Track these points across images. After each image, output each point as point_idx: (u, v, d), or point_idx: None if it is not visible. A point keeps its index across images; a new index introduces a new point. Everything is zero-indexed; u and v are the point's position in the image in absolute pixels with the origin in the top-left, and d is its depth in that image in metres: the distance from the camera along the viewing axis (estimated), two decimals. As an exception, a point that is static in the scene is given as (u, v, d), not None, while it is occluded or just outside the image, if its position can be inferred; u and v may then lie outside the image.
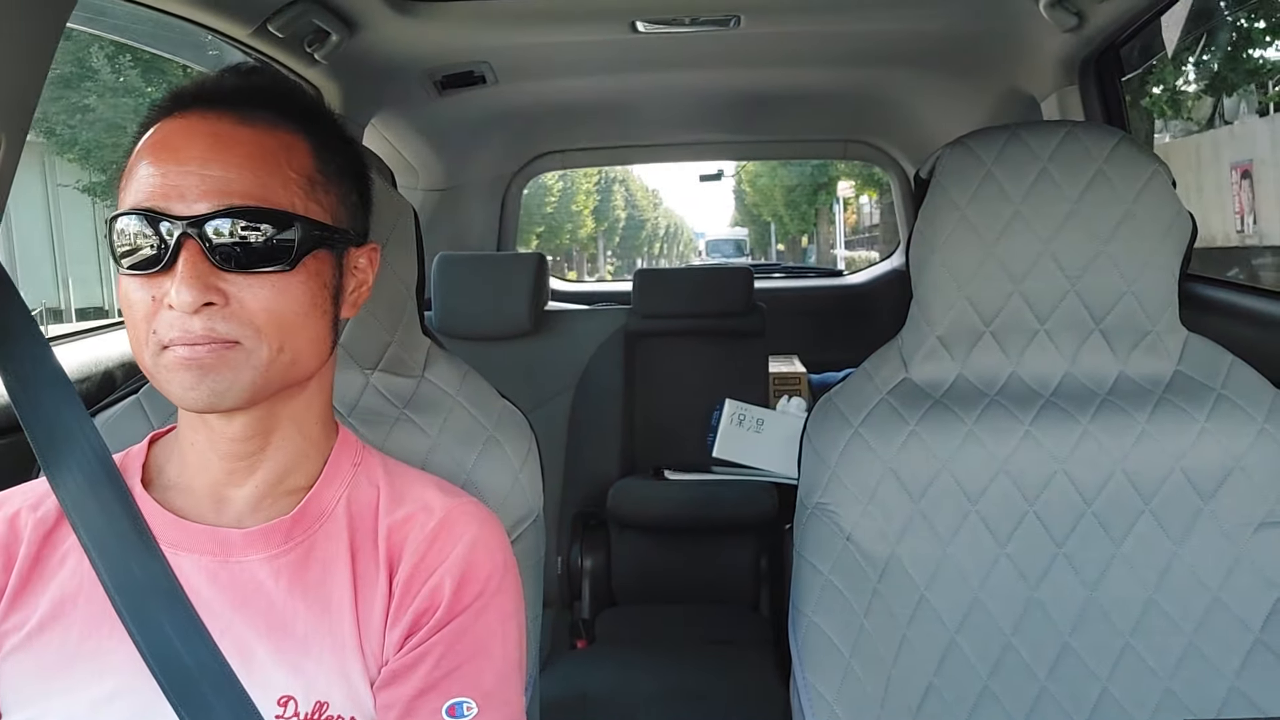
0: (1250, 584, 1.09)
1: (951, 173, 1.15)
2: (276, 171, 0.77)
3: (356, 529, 0.85)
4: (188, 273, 0.73)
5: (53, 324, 11.39)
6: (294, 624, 0.80)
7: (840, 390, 1.19)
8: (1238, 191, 8.09)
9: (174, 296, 0.73)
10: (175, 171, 0.75)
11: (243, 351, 0.75)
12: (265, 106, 0.80)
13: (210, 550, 0.81)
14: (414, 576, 0.83)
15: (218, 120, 0.77)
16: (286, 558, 0.82)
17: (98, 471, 0.83)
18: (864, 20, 2.05)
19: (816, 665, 1.10)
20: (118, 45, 2.14)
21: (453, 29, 2.01)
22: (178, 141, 0.76)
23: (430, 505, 0.87)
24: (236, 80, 0.81)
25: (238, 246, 0.74)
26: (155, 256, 0.74)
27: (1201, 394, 1.13)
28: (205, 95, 0.79)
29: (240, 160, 0.76)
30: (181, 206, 0.74)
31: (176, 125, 0.77)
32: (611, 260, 33.47)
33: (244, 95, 0.80)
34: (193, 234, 0.73)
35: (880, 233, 20.13)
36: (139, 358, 0.78)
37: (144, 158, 0.77)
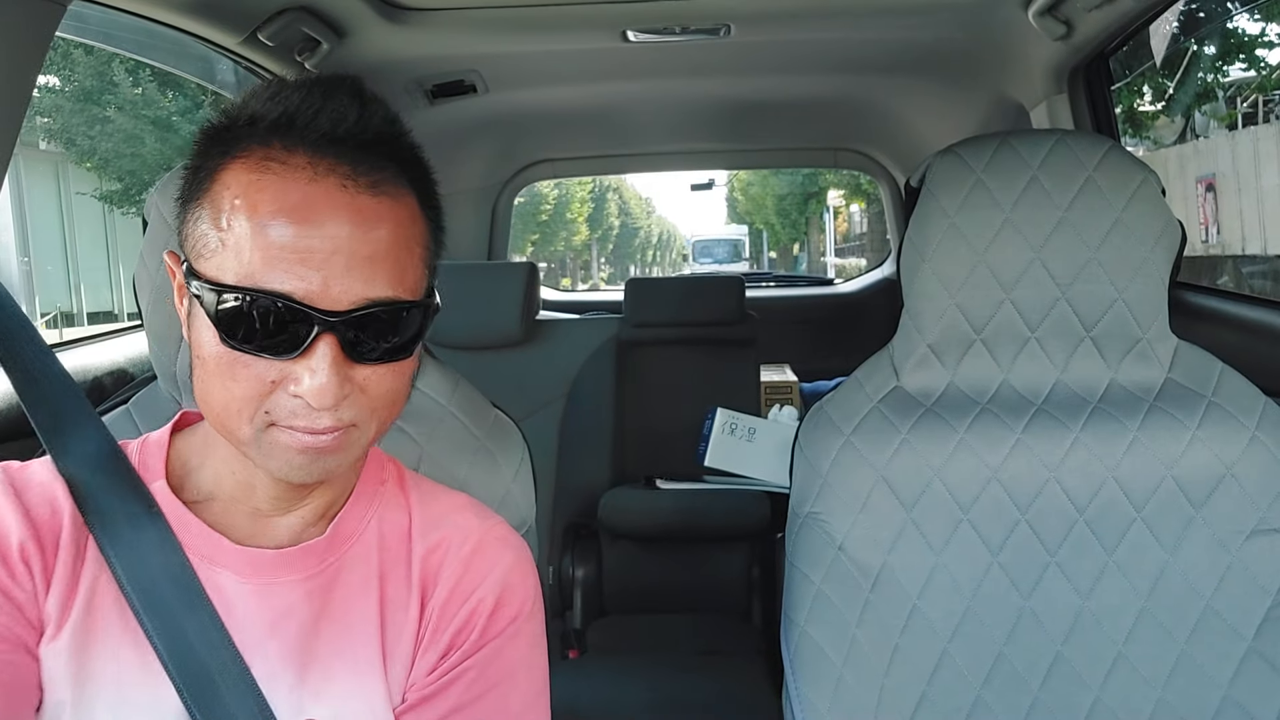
0: (1243, 591, 1.09)
1: (942, 181, 1.15)
2: (411, 250, 0.73)
3: (387, 550, 0.83)
4: (330, 371, 0.68)
5: (65, 327, 11.52)
6: (320, 647, 0.78)
7: (832, 399, 1.18)
8: (1202, 203, 8.25)
9: (310, 391, 0.68)
10: (317, 257, 0.67)
11: (356, 433, 0.73)
12: (389, 159, 0.72)
13: (244, 570, 0.78)
14: (450, 601, 0.81)
15: (356, 192, 0.69)
16: (318, 580, 0.79)
17: (108, 460, 0.78)
18: (854, 29, 2.05)
19: (809, 675, 1.10)
20: (138, 60, 2.15)
21: (443, 38, 2.01)
22: (316, 214, 0.68)
23: (465, 528, 0.85)
24: (357, 122, 0.71)
25: (372, 340, 0.70)
26: (284, 342, 0.68)
27: (1192, 402, 1.13)
28: (333, 140, 0.70)
29: (383, 246, 0.70)
30: (323, 297, 0.68)
31: (308, 189, 0.68)
32: (605, 268, 33.48)
33: (370, 145, 0.71)
34: (336, 331, 0.68)
35: (868, 240, 20.19)
36: (231, 427, 0.72)
37: (268, 218, 0.68)
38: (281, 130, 0.70)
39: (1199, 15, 8.41)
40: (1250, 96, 9.13)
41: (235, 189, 0.69)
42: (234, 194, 0.69)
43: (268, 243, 0.67)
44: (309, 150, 0.69)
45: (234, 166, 0.70)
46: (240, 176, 0.69)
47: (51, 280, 12.43)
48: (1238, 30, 8.82)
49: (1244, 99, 9.17)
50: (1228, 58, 8.97)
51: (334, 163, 0.69)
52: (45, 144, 12.13)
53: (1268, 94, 9.00)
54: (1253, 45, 8.90)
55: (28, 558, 0.74)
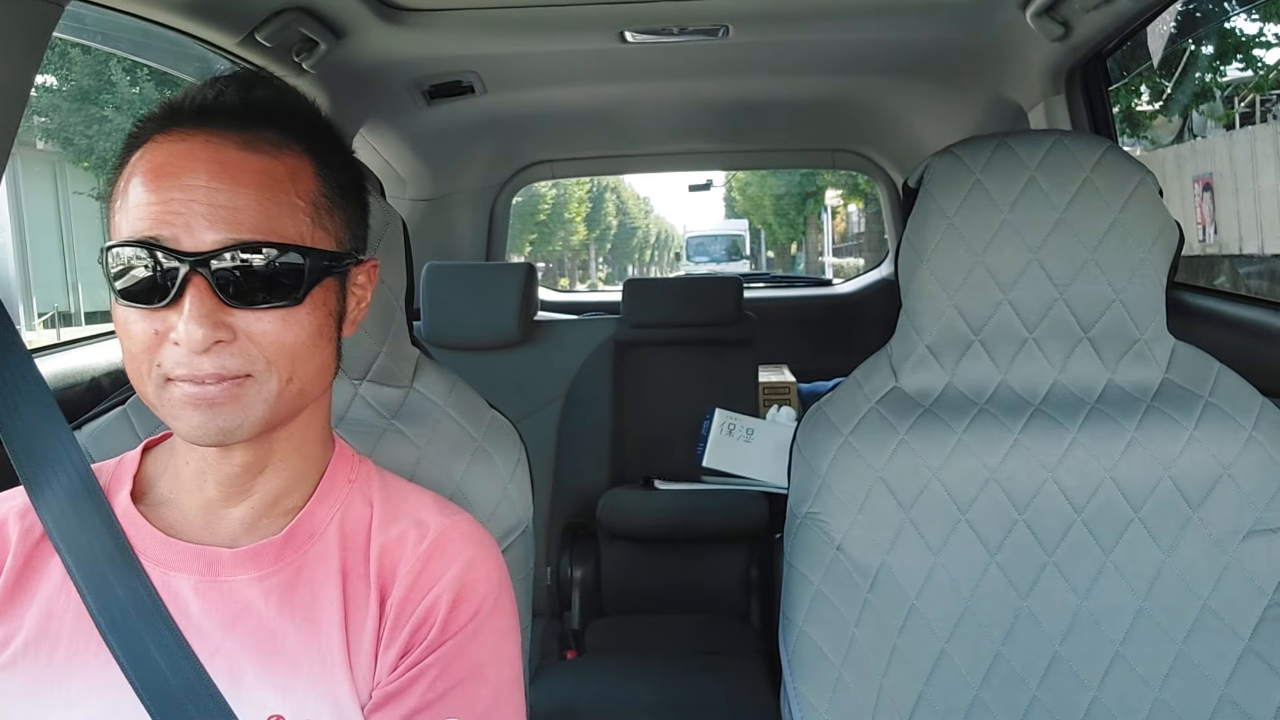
0: (1240, 592, 1.09)
1: (940, 182, 1.15)
2: (283, 200, 0.75)
3: (348, 548, 0.84)
4: (196, 311, 0.71)
5: (63, 327, 11.54)
6: (283, 644, 0.79)
7: (830, 399, 1.19)
8: (1199, 203, 8.28)
9: (182, 334, 0.71)
10: (179, 201, 0.72)
11: (253, 385, 0.75)
12: (268, 124, 0.77)
13: (199, 570, 0.80)
14: (408, 598, 0.81)
15: (221, 144, 0.74)
16: (276, 578, 0.81)
17: (79, 489, 0.81)
18: (852, 30, 2.05)
19: (807, 675, 1.10)
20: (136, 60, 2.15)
21: (441, 38, 2.01)
22: (180, 167, 0.73)
23: (424, 522, 0.85)
24: (238, 95, 0.78)
25: (245, 282, 0.73)
26: (159, 290, 0.72)
27: (1190, 402, 1.13)
28: (206, 112, 0.76)
29: (247, 190, 0.73)
30: (187, 240, 0.72)
31: (176, 148, 0.74)
32: (603, 267, 33.48)
33: (246, 113, 0.77)
34: (201, 270, 0.72)
35: (866, 240, 20.20)
36: (140, 389, 0.76)
37: (142, 181, 0.74)
38: (172, 118, 0.76)
39: (1196, 15, 8.43)
40: (1247, 96, 9.15)
41: (126, 172, 0.76)
42: (124, 177, 0.76)
43: (139, 203, 0.73)
44: (188, 123, 0.75)
45: (131, 158, 0.77)
46: (131, 161, 0.76)
47: (50, 280, 12.44)
48: (1235, 30, 8.84)
49: (1241, 99, 9.19)
50: (1225, 58, 8.99)
51: (208, 131, 0.75)
52: (43, 143, 12.14)
53: (1265, 94, 9.01)
54: (1250, 45, 8.91)
55: None
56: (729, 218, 28.81)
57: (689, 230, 24.95)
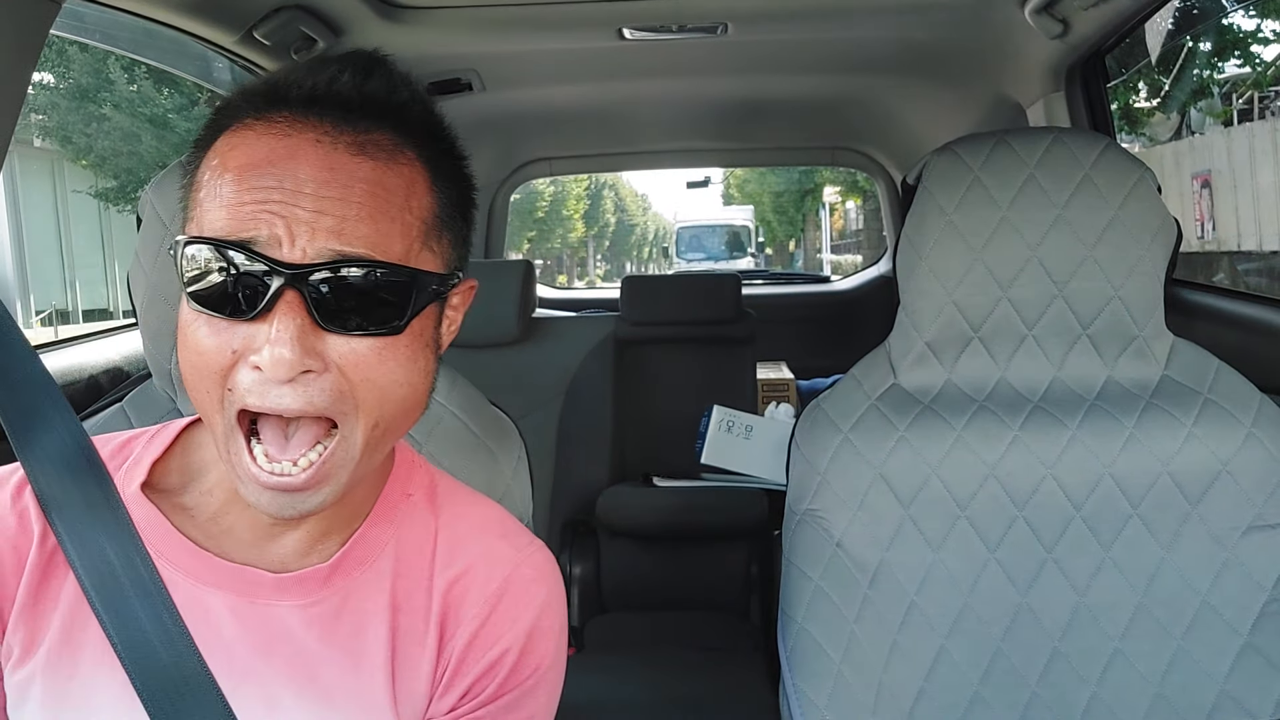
0: (1238, 587, 1.09)
1: (939, 179, 1.15)
2: (396, 216, 0.65)
3: (403, 575, 0.76)
4: (288, 331, 0.61)
5: (61, 325, 11.55)
6: (321, 674, 0.73)
7: (829, 396, 1.19)
8: (1198, 200, 8.29)
9: (266, 358, 0.61)
10: (280, 203, 0.62)
11: (339, 450, 0.66)
12: (383, 124, 0.67)
13: (238, 590, 0.72)
14: (473, 644, 0.75)
15: (332, 145, 0.64)
16: (320, 607, 0.73)
17: (78, 460, 0.73)
18: (851, 28, 2.05)
19: (807, 672, 1.10)
20: (134, 58, 2.14)
21: (439, 36, 2.01)
22: (283, 163, 0.63)
23: (493, 557, 0.78)
24: (353, 85, 0.67)
25: (345, 303, 0.63)
26: (245, 299, 0.62)
27: (1188, 399, 1.13)
28: (315, 101, 0.66)
29: (358, 200, 0.63)
30: (287, 248, 0.62)
31: (279, 142, 0.64)
32: (601, 264, 33.47)
33: (360, 107, 0.66)
34: (298, 285, 0.62)
35: (864, 237, 20.20)
36: (204, 413, 0.67)
37: (236, 173, 0.63)
38: (273, 100, 0.66)
39: (1194, 12, 8.43)
40: (1246, 93, 9.15)
41: (214, 156, 0.66)
42: (210, 159, 0.66)
43: (232, 196, 0.63)
44: (292, 111, 0.65)
45: (221, 138, 0.67)
46: (221, 144, 0.66)
47: (47, 278, 12.44)
48: (1233, 27, 8.84)
49: (1239, 95, 9.19)
50: (1223, 54, 8.99)
51: (315, 122, 0.65)
52: (41, 141, 12.13)
53: (1263, 90, 9.01)
54: (1248, 42, 8.91)
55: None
56: (729, 204, 24.38)
57: (680, 219, 19.57)
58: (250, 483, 0.65)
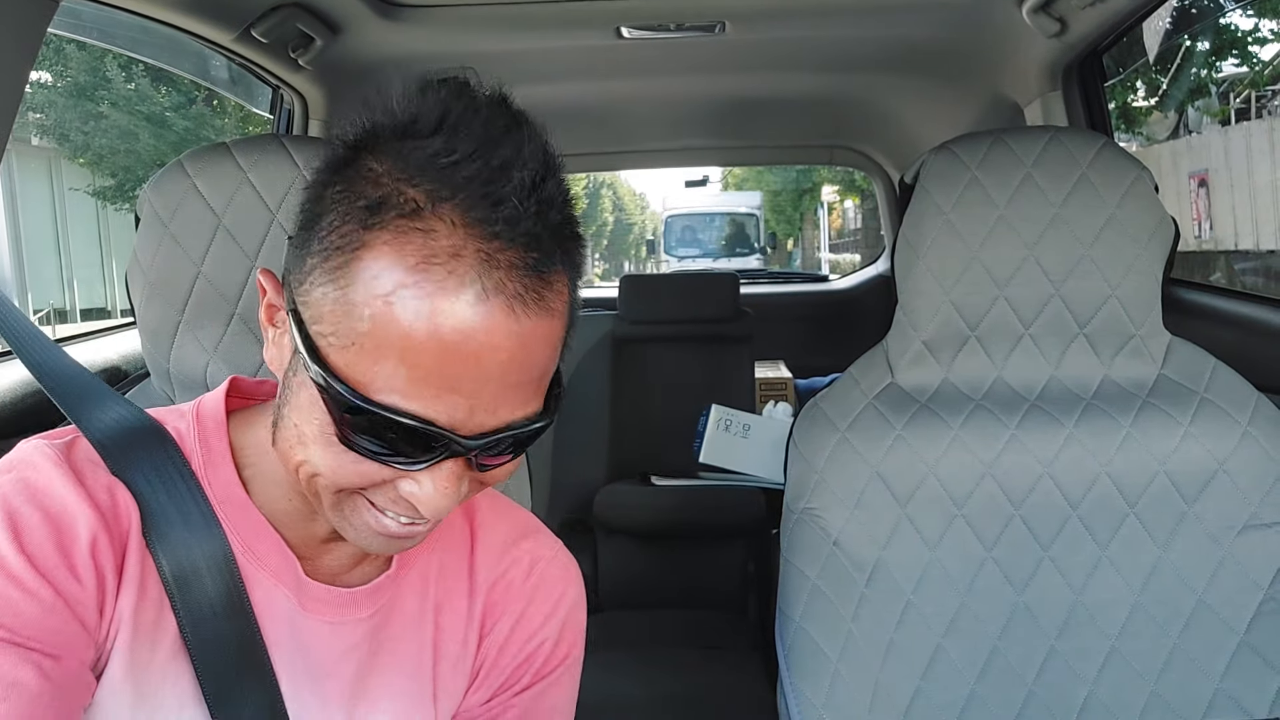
0: (1235, 586, 1.10)
1: (936, 178, 1.15)
2: (555, 359, 0.64)
3: (445, 578, 0.79)
4: (453, 490, 0.62)
5: (59, 324, 11.54)
6: (371, 679, 0.74)
7: (826, 395, 1.19)
8: (1195, 199, 8.29)
9: (425, 504, 0.62)
10: (469, 387, 0.58)
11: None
12: (556, 255, 0.61)
13: (308, 605, 0.72)
14: (511, 638, 0.79)
15: (523, 309, 0.58)
16: (373, 620, 0.75)
17: (146, 437, 0.69)
18: (848, 26, 2.05)
19: (804, 670, 1.10)
20: (132, 56, 2.13)
21: (437, 34, 2.01)
22: (475, 341, 0.57)
23: (528, 557, 0.81)
24: (539, 207, 0.60)
25: (499, 453, 0.64)
26: (411, 456, 0.61)
27: (1185, 397, 1.13)
28: (513, 240, 0.58)
29: (537, 364, 0.61)
30: (466, 425, 0.60)
31: (475, 310, 0.57)
32: (599, 263, 33.46)
33: (542, 241, 0.60)
34: (468, 455, 0.62)
35: (862, 236, 20.18)
36: (309, 487, 0.65)
37: (424, 336, 0.57)
38: (448, 214, 0.58)
39: (1192, 12, 8.44)
40: (1243, 92, 9.16)
41: (386, 284, 0.57)
42: (384, 292, 0.57)
43: (416, 365, 0.58)
44: (479, 257, 0.57)
45: (382, 249, 0.58)
46: (391, 271, 0.57)
47: (45, 276, 12.43)
48: (1231, 26, 8.85)
49: (1237, 94, 9.20)
50: (1221, 54, 9.00)
51: (505, 276, 0.58)
52: (38, 140, 12.10)
53: (1260, 89, 9.02)
54: (1245, 41, 8.92)
55: (99, 554, 0.64)
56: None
57: (670, 206, 15.48)
58: (366, 529, 0.65)
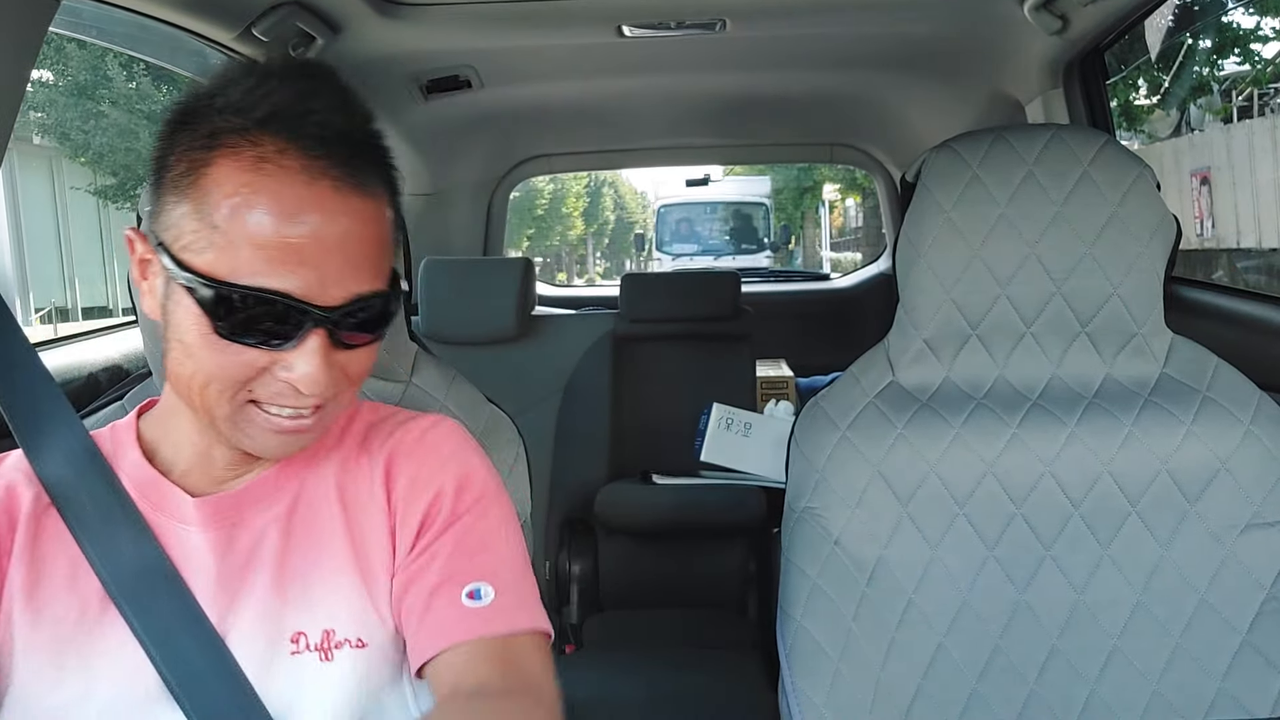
0: (1237, 585, 1.09)
1: (937, 176, 1.15)
2: (386, 244, 0.77)
3: (340, 458, 0.87)
4: (321, 360, 0.73)
5: (60, 323, 11.55)
6: (294, 564, 0.82)
7: (827, 394, 1.19)
8: (1197, 197, 8.28)
9: (300, 380, 0.73)
10: (315, 257, 0.71)
11: (332, 405, 0.79)
12: (367, 156, 0.76)
13: (208, 522, 0.82)
14: (412, 487, 0.85)
15: (349, 191, 0.72)
16: (278, 507, 0.84)
17: (81, 457, 0.82)
18: (849, 24, 2.05)
19: (805, 669, 1.10)
20: (132, 55, 2.14)
21: (438, 33, 2.01)
22: (313, 217, 0.71)
23: (414, 425, 0.90)
24: (344, 118, 0.74)
25: (358, 327, 0.76)
26: (276, 335, 0.72)
27: (1187, 396, 1.13)
28: (324, 140, 0.72)
29: (370, 240, 0.75)
30: (319, 294, 0.72)
31: (306, 190, 0.71)
32: (600, 262, 33.43)
33: (354, 142, 0.74)
34: (327, 325, 0.73)
35: (863, 235, 20.15)
36: (207, 405, 0.76)
37: (266, 218, 0.70)
38: (271, 128, 0.71)
39: (1194, 9, 8.42)
40: (1245, 90, 9.15)
41: (229, 188, 0.70)
42: (228, 193, 0.70)
43: (267, 243, 0.70)
44: (301, 152, 0.71)
45: (223, 163, 0.71)
46: (233, 175, 0.70)
47: (46, 275, 12.44)
48: (1233, 24, 8.84)
49: (1239, 92, 9.19)
50: (1223, 51, 8.99)
51: (326, 166, 0.71)
52: (39, 139, 12.11)
53: (1262, 87, 9.01)
54: (1248, 39, 8.91)
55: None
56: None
57: (663, 195, 13.27)
58: (263, 433, 0.76)
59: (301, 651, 0.80)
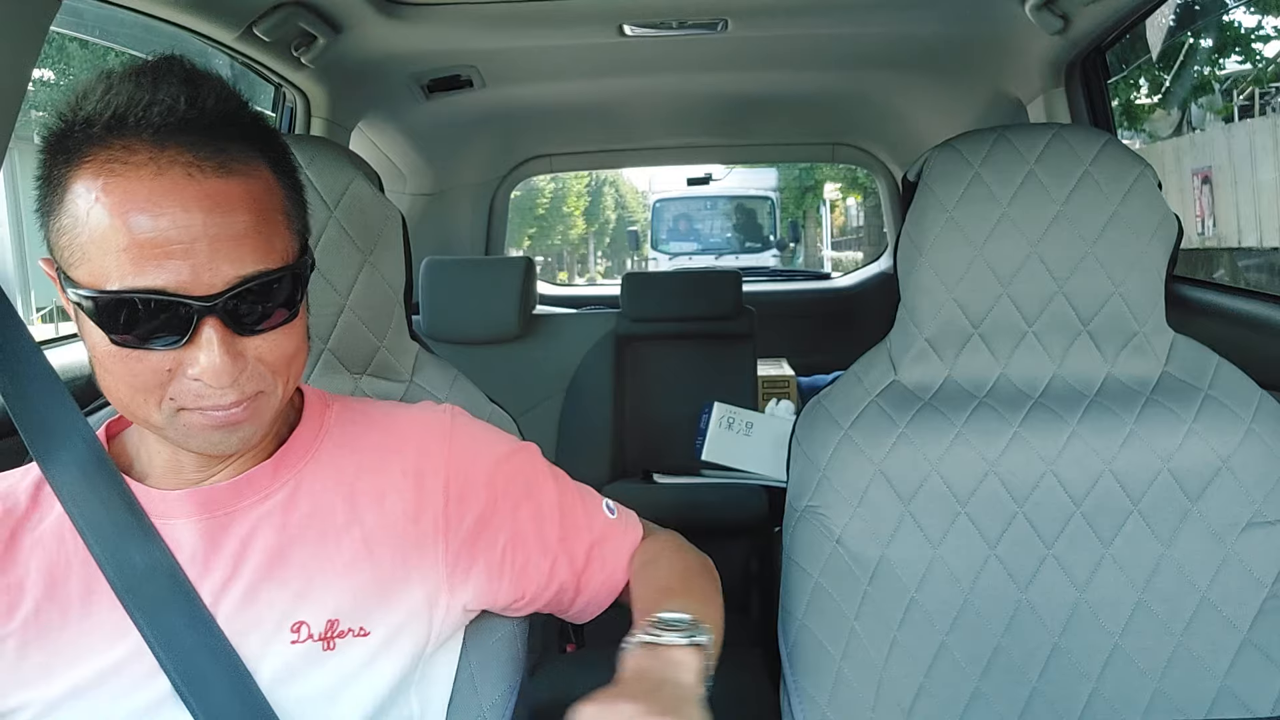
0: (1238, 584, 1.10)
1: (939, 175, 1.15)
2: (269, 221, 0.74)
3: (350, 458, 0.89)
4: (219, 350, 0.71)
5: (62, 321, 11.52)
6: (293, 555, 0.83)
7: (829, 393, 1.19)
8: (1198, 196, 8.27)
9: (207, 374, 0.72)
10: (180, 249, 0.69)
11: (265, 397, 0.77)
12: (229, 136, 0.72)
13: (197, 511, 0.82)
14: (451, 482, 0.90)
15: (203, 175, 0.70)
16: (275, 498, 0.85)
17: (90, 462, 0.83)
18: (851, 24, 2.05)
19: (807, 668, 1.10)
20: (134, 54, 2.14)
21: (439, 32, 2.01)
22: (167, 206, 0.68)
23: (436, 413, 0.95)
24: (193, 107, 0.71)
25: (254, 311, 0.74)
26: (169, 333, 0.71)
27: (1188, 395, 1.13)
28: (167, 127, 0.69)
29: (241, 218, 0.71)
30: (195, 284, 0.70)
31: (155, 181, 0.69)
32: (601, 261, 33.41)
33: (208, 124, 0.71)
34: (215, 312, 0.71)
35: (865, 234, 20.13)
36: (140, 416, 0.76)
37: (121, 217, 0.68)
38: (116, 129, 0.69)
39: (1195, 8, 8.42)
40: (1246, 89, 9.14)
41: (86, 195, 0.70)
42: (85, 202, 0.70)
43: (129, 243, 0.68)
44: (148, 144, 0.69)
45: (80, 174, 0.70)
46: (88, 182, 0.70)
47: (48, 275, 12.44)
48: (1234, 23, 8.83)
49: (1240, 92, 9.18)
50: (1224, 51, 8.98)
51: (176, 152, 0.69)
52: (41, 138, 12.10)
53: (1264, 87, 9.00)
54: (1249, 38, 8.90)
55: None
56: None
57: (658, 189, 12.27)
58: (202, 431, 0.75)
59: (303, 641, 0.82)
